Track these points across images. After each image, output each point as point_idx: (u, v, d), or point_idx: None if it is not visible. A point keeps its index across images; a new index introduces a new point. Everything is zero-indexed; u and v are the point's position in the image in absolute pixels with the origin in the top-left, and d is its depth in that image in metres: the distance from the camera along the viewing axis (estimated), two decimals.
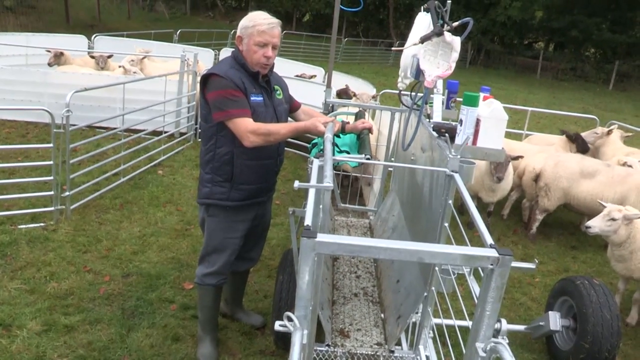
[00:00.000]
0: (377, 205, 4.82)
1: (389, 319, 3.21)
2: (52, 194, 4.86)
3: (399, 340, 3.20)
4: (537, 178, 5.78)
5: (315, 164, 2.58)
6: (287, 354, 1.71)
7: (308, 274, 1.74)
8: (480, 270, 1.83)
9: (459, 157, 2.55)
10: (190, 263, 4.45)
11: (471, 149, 2.62)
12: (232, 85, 2.83)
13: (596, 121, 8.29)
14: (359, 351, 2.99)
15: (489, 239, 1.91)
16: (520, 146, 6.65)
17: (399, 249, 1.70)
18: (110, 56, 8.95)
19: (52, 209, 4.89)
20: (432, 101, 3.23)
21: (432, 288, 2.87)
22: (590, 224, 4.15)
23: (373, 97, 7.24)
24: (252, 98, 2.89)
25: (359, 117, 4.18)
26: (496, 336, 3.25)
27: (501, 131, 2.61)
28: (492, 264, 1.70)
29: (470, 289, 2.45)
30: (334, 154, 2.99)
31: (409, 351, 3.10)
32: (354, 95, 7.04)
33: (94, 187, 5.60)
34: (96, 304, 3.78)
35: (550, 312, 3.67)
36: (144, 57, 8.92)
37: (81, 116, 5.70)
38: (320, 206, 2.37)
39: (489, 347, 1.72)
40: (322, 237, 1.70)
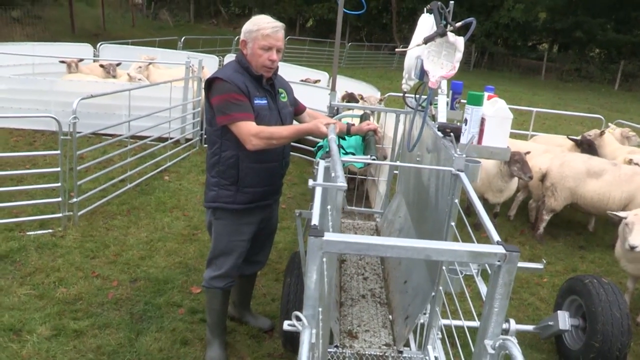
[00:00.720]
0: (383, 207, 4.83)
1: (397, 320, 3.21)
2: (59, 200, 4.90)
3: (408, 341, 3.19)
4: (543, 178, 5.77)
5: (322, 165, 2.59)
6: (295, 357, 1.71)
7: (316, 273, 1.75)
8: (488, 268, 1.83)
9: (464, 156, 2.56)
10: (197, 267, 4.47)
11: (476, 148, 2.62)
12: (236, 89, 2.84)
13: (602, 120, 8.27)
14: (367, 352, 2.99)
15: (496, 236, 1.91)
16: (525, 146, 6.63)
17: (405, 246, 1.70)
18: (119, 64, 9.03)
19: (59, 215, 4.92)
20: (436, 102, 3.23)
21: (439, 288, 2.87)
22: (634, 243, 3.95)
23: (380, 100, 7.26)
24: (255, 101, 2.91)
25: (364, 119, 4.19)
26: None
27: (506, 129, 2.61)
28: (499, 261, 1.70)
29: (478, 289, 2.44)
30: (340, 155, 2.99)
31: (418, 352, 3.09)
32: (360, 98, 7.06)
33: (101, 193, 5.63)
34: (105, 309, 3.80)
35: (559, 312, 3.65)
36: (149, 64, 8.98)
37: (88, 123, 5.74)
38: (328, 207, 2.37)
39: (497, 344, 1.72)
40: (329, 235, 1.70)
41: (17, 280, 4.04)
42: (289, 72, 9.49)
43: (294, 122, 3.33)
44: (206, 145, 3.24)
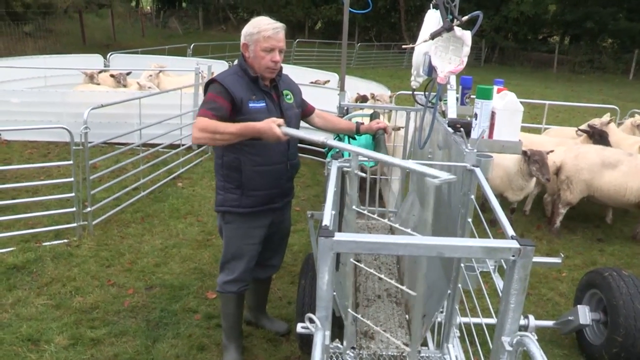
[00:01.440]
0: (397, 206, 4.79)
1: (414, 319, 3.17)
2: (74, 210, 4.93)
3: (425, 340, 3.16)
4: (557, 171, 5.69)
5: (334, 165, 2.56)
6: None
7: (327, 273, 1.73)
8: (504, 263, 1.80)
9: (475, 151, 2.52)
10: (212, 272, 4.47)
11: (487, 142, 2.58)
12: (218, 91, 2.83)
13: (617, 111, 8.14)
14: (384, 353, 2.96)
15: (511, 231, 1.87)
16: (539, 139, 6.55)
17: (418, 244, 1.67)
18: (129, 73, 9.10)
19: (74, 225, 4.96)
20: (446, 98, 3.20)
21: (457, 285, 2.83)
22: None
23: (390, 97, 7.24)
24: (250, 105, 2.87)
25: (373, 117, 4.17)
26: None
27: (517, 123, 2.57)
28: (513, 256, 1.66)
29: (495, 286, 2.41)
30: (348, 155, 2.96)
31: (436, 351, 3.05)
32: (372, 97, 7.05)
33: (115, 202, 5.67)
34: (121, 317, 3.81)
35: (579, 306, 3.58)
36: (160, 72, 9.04)
37: (100, 133, 5.77)
38: (347, 205, 2.35)
39: (515, 340, 1.68)
40: (339, 236, 1.68)
41: (34, 291, 4.07)
42: (298, 74, 9.51)
43: (304, 123, 3.31)
44: None
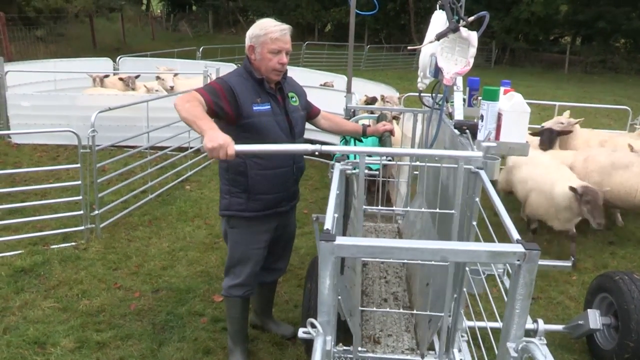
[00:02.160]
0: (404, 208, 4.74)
1: (420, 323, 3.14)
2: (81, 213, 4.94)
3: (432, 344, 3.12)
4: None
5: (337, 168, 2.54)
6: None
7: (329, 278, 1.71)
8: (509, 267, 1.76)
9: (481, 153, 2.48)
10: (219, 276, 4.45)
11: (494, 144, 2.54)
12: (221, 86, 2.81)
13: (628, 112, 8.05)
14: (390, 357, 2.93)
15: (516, 234, 1.83)
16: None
17: (420, 248, 1.65)
18: (138, 76, 9.14)
19: (82, 228, 4.97)
20: (453, 100, 3.16)
21: (463, 290, 2.79)
22: None
23: (398, 98, 7.23)
24: (255, 108, 2.84)
25: (380, 119, 4.14)
26: (533, 337, 3.14)
27: (524, 124, 2.53)
28: (518, 260, 1.63)
29: (504, 289, 2.37)
30: (354, 157, 2.94)
31: (443, 355, 3.01)
32: (382, 98, 7.03)
33: (123, 205, 5.68)
34: (127, 320, 3.81)
35: (589, 310, 3.52)
36: (176, 74, 9.12)
37: (108, 136, 5.80)
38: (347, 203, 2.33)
39: (520, 346, 1.65)
40: (341, 240, 1.66)
41: (41, 294, 4.08)
42: (306, 77, 9.51)
43: (309, 125, 3.29)
44: None
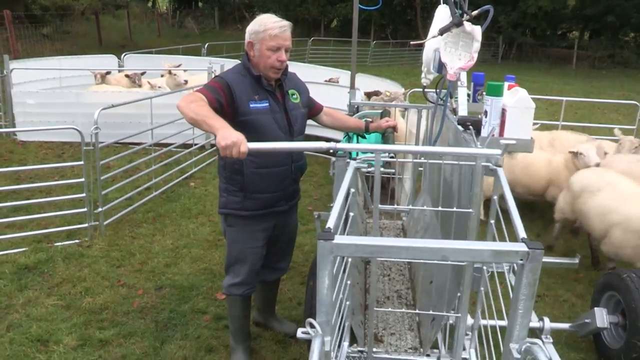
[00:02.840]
0: (409, 205, 4.71)
1: (424, 322, 3.11)
2: (85, 210, 4.94)
3: (436, 343, 3.08)
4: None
5: (351, 166, 2.51)
6: None
7: (327, 277, 1.68)
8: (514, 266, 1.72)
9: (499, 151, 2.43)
10: (222, 273, 4.38)
11: (498, 140, 2.50)
12: (219, 82, 2.77)
13: (637, 107, 7.95)
14: (393, 356, 2.89)
15: (522, 233, 1.79)
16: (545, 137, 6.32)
17: (420, 247, 1.61)
18: (144, 73, 9.13)
19: (86, 225, 4.96)
20: (457, 95, 3.12)
21: (467, 288, 2.75)
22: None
23: (403, 93, 7.17)
24: (252, 105, 2.80)
25: (383, 115, 4.10)
26: (539, 335, 3.10)
27: (529, 120, 2.48)
28: (521, 259, 1.59)
29: (509, 286, 2.33)
30: (356, 154, 2.91)
31: (447, 354, 2.98)
32: (376, 93, 6.97)
33: (127, 202, 5.67)
34: (130, 318, 3.80)
35: (596, 309, 3.47)
36: (183, 69, 9.14)
37: (113, 133, 5.79)
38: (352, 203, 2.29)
39: (523, 348, 1.61)
40: (339, 239, 1.63)
41: (44, 291, 4.08)
42: (311, 73, 9.47)
43: (310, 122, 3.26)
44: None
